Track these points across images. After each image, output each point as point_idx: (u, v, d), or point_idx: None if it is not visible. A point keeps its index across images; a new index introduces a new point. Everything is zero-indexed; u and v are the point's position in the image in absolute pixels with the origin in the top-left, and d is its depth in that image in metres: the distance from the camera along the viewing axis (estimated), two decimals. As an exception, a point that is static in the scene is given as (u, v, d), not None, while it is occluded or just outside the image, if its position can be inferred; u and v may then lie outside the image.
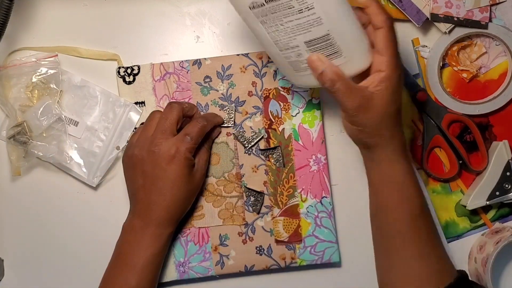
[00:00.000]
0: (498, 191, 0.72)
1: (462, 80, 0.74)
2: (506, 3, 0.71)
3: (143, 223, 0.65)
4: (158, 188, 0.64)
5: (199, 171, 0.68)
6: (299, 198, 0.71)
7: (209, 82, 0.71)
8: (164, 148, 0.64)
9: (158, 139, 0.65)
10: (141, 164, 0.65)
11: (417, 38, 0.73)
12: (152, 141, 0.65)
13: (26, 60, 0.71)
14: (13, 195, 0.72)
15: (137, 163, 0.65)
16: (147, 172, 0.65)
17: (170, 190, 0.64)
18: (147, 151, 0.65)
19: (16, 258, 0.72)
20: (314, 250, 0.71)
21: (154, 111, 0.68)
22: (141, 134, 0.67)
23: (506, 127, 0.74)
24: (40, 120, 0.69)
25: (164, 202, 0.65)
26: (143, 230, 0.65)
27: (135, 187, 0.66)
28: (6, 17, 0.64)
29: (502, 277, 0.74)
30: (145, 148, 0.65)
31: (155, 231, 0.65)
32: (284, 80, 0.71)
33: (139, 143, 0.66)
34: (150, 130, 0.66)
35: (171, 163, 0.64)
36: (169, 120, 0.65)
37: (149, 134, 0.66)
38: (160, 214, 0.65)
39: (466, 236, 0.74)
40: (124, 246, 0.66)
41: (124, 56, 0.72)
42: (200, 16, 0.73)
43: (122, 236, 0.67)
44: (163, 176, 0.64)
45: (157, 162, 0.64)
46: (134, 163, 0.66)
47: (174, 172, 0.64)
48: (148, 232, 0.65)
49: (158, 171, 0.64)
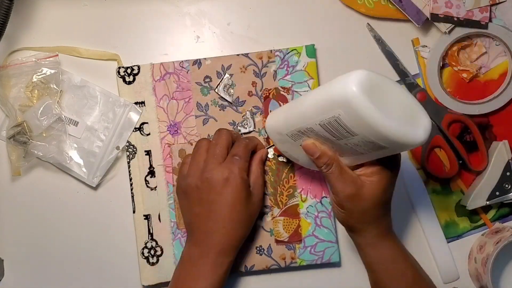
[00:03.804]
0: (498, 191, 0.72)
1: (462, 80, 0.74)
2: (506, 3, 0.71)
3: (202, 251, 0.63)
4: (215, 214, 0.63)
5: (256, 193, 0.66)
6: (299, 198, 0.71)
7: (209, 82, 0.71)
8: (217, 172, 0.63)
9: (210, 165, 0.64)
10: (197, 192, 0.64)
11: (417, 38, 0.73)
12: (205, 168, 0.64)
13: (26, 60, 0.71)
14: (13, 195, 0.72)
15: (192, 192, 0.64)
16: (203, 199, 0.63)
17: (229, 214, 0.63)
18: (200, 178, 0.64)
19: (16, 258, 0.72)
20: (314, 250, 0.71)
21: (201, 139, 0.68)
22: (191, 164, 0.66)
23: (506, 127, 0.74)
24: (40, 120, 0.69)
25: (223, 229, 0.63)
26: (202, 259, 0.63)
27: (191, 216, 0.65)
28: (6, 17, 0.65)
29: (502, 277, 0.74)
30: (198, 176, 0.64)
31: (215, 259, 0.63)
32: (284, 80, 0.71)
33: (191, 172, 0.65)
34: (200, 158, 0.65)
35: (226, 186, 0.63)
36: (219, 146, 0.65)
37: (200, 162, 0.65)
38: (219, 242, 0.63)
39: (466, 236, 0.74)
40: (183, 276, 0.64)
41: (124, 56, 0.72)
42: (200, 16, 0.73)
43: (180, 265, 0.64)
44: (219, 201, 0.63)
45: (212, 187, 0.63)
46: (189, 192, 0.65)
47: (230, 195, 0.63)
48: (208, 261, 0.62)
49: (214, 196, 0.63)
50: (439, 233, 0.74)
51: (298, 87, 0.71)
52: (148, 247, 0.71)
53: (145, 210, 0.71)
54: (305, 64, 0.71)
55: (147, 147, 0.71)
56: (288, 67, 0.71)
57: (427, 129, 0.50)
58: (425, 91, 0.73)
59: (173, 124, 0.71)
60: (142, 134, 0.71)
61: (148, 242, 0.71)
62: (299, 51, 0.71)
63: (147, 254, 0.71)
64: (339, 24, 0.73)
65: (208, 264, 0.62)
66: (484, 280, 0.69)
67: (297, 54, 0.71)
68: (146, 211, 0.71)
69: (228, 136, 0.66)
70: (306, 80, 0.71)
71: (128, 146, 0.71)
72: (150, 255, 0.71)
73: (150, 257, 0.71)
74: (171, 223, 0.71)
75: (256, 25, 0.73)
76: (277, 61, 0.71)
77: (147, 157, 0.71)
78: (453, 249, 0.74)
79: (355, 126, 0.50)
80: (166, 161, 0.71)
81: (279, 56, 0.71)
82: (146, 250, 0.71)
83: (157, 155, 0.71)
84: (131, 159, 0.71)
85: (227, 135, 0.66)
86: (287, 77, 0.71)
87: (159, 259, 0.71)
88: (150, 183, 0.71)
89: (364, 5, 0.72)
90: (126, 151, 0.71)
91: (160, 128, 0.71)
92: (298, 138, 0.59)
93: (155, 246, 0.71)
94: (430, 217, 0.73)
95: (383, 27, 0.73)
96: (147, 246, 0.71)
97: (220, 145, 0.65)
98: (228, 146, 0.66)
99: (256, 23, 0.73)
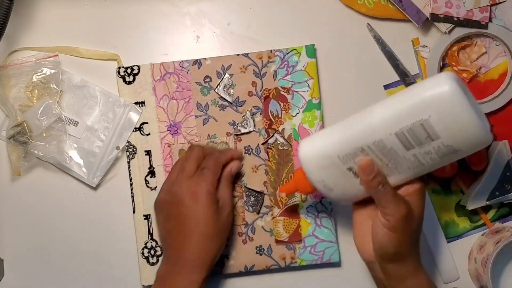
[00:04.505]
0: (498, 191, 0.72)
1: (462, 80, 0.74)
2: (506, 3, 0.71)
3: (174, 269, 0.62)
4: (185, 228, 0.62)
5: (226, 207, 0.65)
6: (299, 198, 0.71)
7: (209, 82, 0.71)
8: (185, 186, 0.63)
9: (179, 179, 0.64)
10: (167, 207, 0.64)
11: (417, 38, 0.73)
12: (174, 182, 0.64)
13: (26, 60, 0.71)
14: (13, 195, 0.72)
15: (163, 207, 0.65)
16: (173, 213, 0.63)
17: (198, 229, 0.62)
18: (169, 192, 0.64)
19: (16, 258, 0.72)
20: (314, 250, 0.71)
21: (179, 159, 0.68)
22: (166, 180, 0.67)
23: (506, 127, 0.74)
24: (40, 120, 0.69)
25: (194, 244, 0.62)
26: (175, 277, 0.62)
27: (164, 231, 0.65)
28: (6, 17, 0.65)
29: (502, 277, 0.74)
30: (167, 190, 0.65)
31: (187, 277, 0.61)
32: (284, 80, 0.71)
33: (163, 187, 0.66)
34: (173, 174, 0.66)
35: (194, 200, 0.62)
36: (189, 160, 0.65)
37: (173, 178, 0.65)
38: (190, 258, 0.62)
39: (466, 236, 0.74)
40: None
41: (124, 56, 0.72)
42: (200, 16, 0.73)
43: (155, 283, 0.64)
44: (188, 215, 0.62)
45: (180, 201, 0.63)
46: (160, 207, 0.65)
47: (199, 209, 0.62)
48: (180, 279, 0.61)
49: (182, 210, 0.63)
50: (439, 233, 0.74)
51: (298, 87, 0.71)
52: (148, 247, 0.71)
53: (145, 210, 0.71)
54: (305, 64, 0.71)
55: (147, 147, 0.71)
56: (288, 67, 0.71)
57: (490, 131, 0.53)
58: (425, 91, 0.73)
59: (173, 124, 0.71)
60: (142, 134, 0.71)
61: (148, 242, 0.71)
62: (299, 51, 0.71)
63: (147, 254, 0.71)
64: (339, 24, 0.73)
65: (181, 282, 0.61)
66: (484, 280, 0.69)
67: (297, 54, 0.71)
68: (146, 211, 0.71)
69: (198, 151, 0.66)
70: (306, 80, 0.71)
71: (128, 146, 0.71)
72: (150, 255, 0.71)
73: (150, 257, 0.71)
74: (171, 223, 0.71)
75: (256, 25, 0.73)
76: (277, 61, 0.71)
77: (147, 157, 0.71)
78: (453, 249, 0.74)
79: (443, 128, 0.51)
80: (166, 161, 0.71)
81: (279, 56, 0.71)
82: (146, 250, 0.71)
83: (157, 155, 0.71)
84: (131, 159, 0.71)
85: (198, 150, 0.67)
86: (287, 77, 0.71)
87: (159, 259, 0.71)
88: (150, 183, 0.71)
89: (364, 5, 0.72)
90: (126, 151, 0.71)
91: (160, 128, 0.71)
92: (350, 159, 0.56)
93: (155, 246, 0.71)
94: (430, 217, 0.73)
95: (383, 27, 0.73)
96: (147, 246, 0.71)
97: (190, 159, 0.65)
98: (198, 160, 0.66)
99: (256, 23, 0.73)
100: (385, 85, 0.74)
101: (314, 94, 0.71)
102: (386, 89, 0.74)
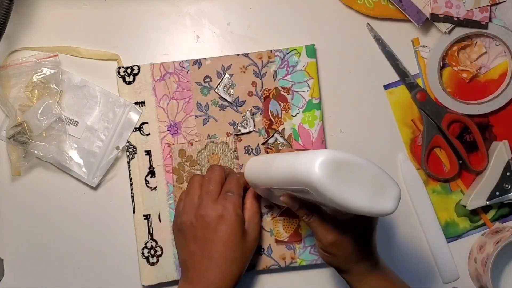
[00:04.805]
0: (498, 191, 0.72)
1: (462, 80, 0.74)
2: (506, 3, 0.71)
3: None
4: (210, 252, 0.62)
5: (252, 231, 0.65)
6: (299, 198, 0.71)
7: (209, 82, 0.71)
8: (211, 210, 0.63)
9: (205, 201, 0.64)
10: (191, 230, 0.63)
11: (417, 38, 0.73)
12: (199, 205, 0.64)
13: (26, 60, 0.71)
14: (13, 195, 0.72)
15: (187, 230, 0.64)
16: (198, 237, 0.63)
17: (223, 253, 0.62)
18: (195, 216, 0.63)
19: (16, 258, 0.72)
20: (314, 250, 0.71)
21: (194, 175, 0.68)
22: (186, 200, 0.66)
23: (506, 127, 0.74)
24: (40, 120, 0.69)
25: (218, 268, 0.61)
26: None
27: (186, 253, 0.64)
28: (6, 17, 0.65)
29: (502, 277, 0.74)
30: (192, 214, 0.64)
31: None
32: (284, 80, 0.71)
33: (185, 209, 0.65)
34: (194, 195, 0.65)
35: (221, 224, 0.62)
36: (213, 182, 0.65)
37: (195, 199, 0.65)
38: (213, 281, 0.61)
39: (466, 236, 0.74)
40: None
41: (124, 56, 0.72)
42: (200, 16, 0.73)
43: None
44: (214, 239, 0.62)
45: (207, 225, 0.62)
46: (183, 230, 0.64)
47: (225, 232, 0.62)
48: None
49: (208, 234, 0.62)
50: (439, 233, 0.74)
51: (298, 87, 0.71)
52: (148, 247, 0.71)
53: (145, 210, 0.71)
54: (305, 64, 0.71)
55: (147, 147, 0.71)
56: (288, 67, 0.71)
57: (396, 198, 0.51)
58: (425, 91, 0.73)
59: (173, 124, 0.71)
60: (142, 134, 0.71)
61: (148, 242, 0.71)
62: (299, 51, 0.71)
63: (147, 254, 0.71)
64: (339, 24, 0.73)
65: None
66: (484, 280, 0.69)
67: (297, 54, 0.71)
68: (146, 211, 0.71)
69: (221, 172, 0.66)
70: (306, 80, 0.71)
71: (128, 146, 0.71)
72: (150, 255, 0.71)
73: (150, 257, 0.71)
74: (171, 223, 0.71)
75: (256, 25, 0.73)
76: (277, 61, 0.71)
77: (147, 157, 0.71)
78: (453, 249, 0.74)
79: (324, 201, 0.52)
80: (166, 161, 0.71)
81: (279, 56, 0.71)
82: (146, 250, 0.71)
83: (157, 155, 0.71)
84: (131, 159, 0.71)
85: (220, 170, 0.66)
86: (287, 77, 0.71)
87: (159, 259, 0.71)
88: (150, 183, 0.71)
89: (364, 5, 0.72)
90: (126, 151, 0.71)
91: (160, 128, 0.71)
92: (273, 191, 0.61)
93: (155, 246, 0.71)
94: (430, 217, 0.73)
95: (383, 27, 0.73)
96: (147, 246, 0.71)
97: (213, 181, 0.65)
98: (221, 181, 0.66)
99: (256, 23, 0.73)
100: (385, 85, 0.74)
101: (314, 94, 0.71)
102: (386, 89, 0.74)
